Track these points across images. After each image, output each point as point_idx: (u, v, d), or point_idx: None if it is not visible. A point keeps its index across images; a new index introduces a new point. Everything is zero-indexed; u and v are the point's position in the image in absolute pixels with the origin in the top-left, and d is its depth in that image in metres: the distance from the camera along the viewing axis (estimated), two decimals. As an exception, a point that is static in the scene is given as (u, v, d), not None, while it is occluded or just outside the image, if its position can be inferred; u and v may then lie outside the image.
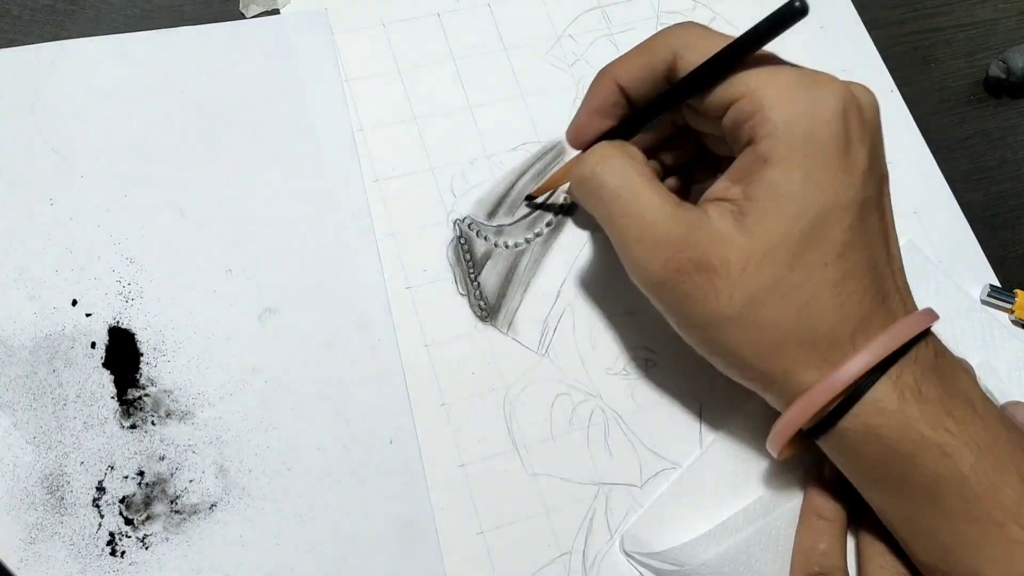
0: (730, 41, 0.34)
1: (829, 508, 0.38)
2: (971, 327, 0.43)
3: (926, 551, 0.34)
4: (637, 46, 0.37)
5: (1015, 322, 0.45)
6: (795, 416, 0.34)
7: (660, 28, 0.38)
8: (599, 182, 0.35)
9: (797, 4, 0.32)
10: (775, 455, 0.37)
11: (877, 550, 0.37)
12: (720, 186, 0.35)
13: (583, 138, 0.40)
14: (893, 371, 0.33)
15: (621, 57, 0.38)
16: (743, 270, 0.33)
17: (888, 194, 0.35)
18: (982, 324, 0.43)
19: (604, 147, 0.37)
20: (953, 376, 0.34)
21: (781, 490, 0.39)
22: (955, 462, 0.32)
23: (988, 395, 0.35)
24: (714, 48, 0.34)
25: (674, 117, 0.39)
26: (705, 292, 0.33)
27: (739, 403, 0.41)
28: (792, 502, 0.39)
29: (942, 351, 0.35)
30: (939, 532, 0.33)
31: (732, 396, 0.41)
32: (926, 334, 0.34)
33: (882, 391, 0.33)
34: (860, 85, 0.34)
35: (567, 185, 0.44)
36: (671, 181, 0.41)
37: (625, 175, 0.35)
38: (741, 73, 0.33)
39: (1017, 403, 0.39)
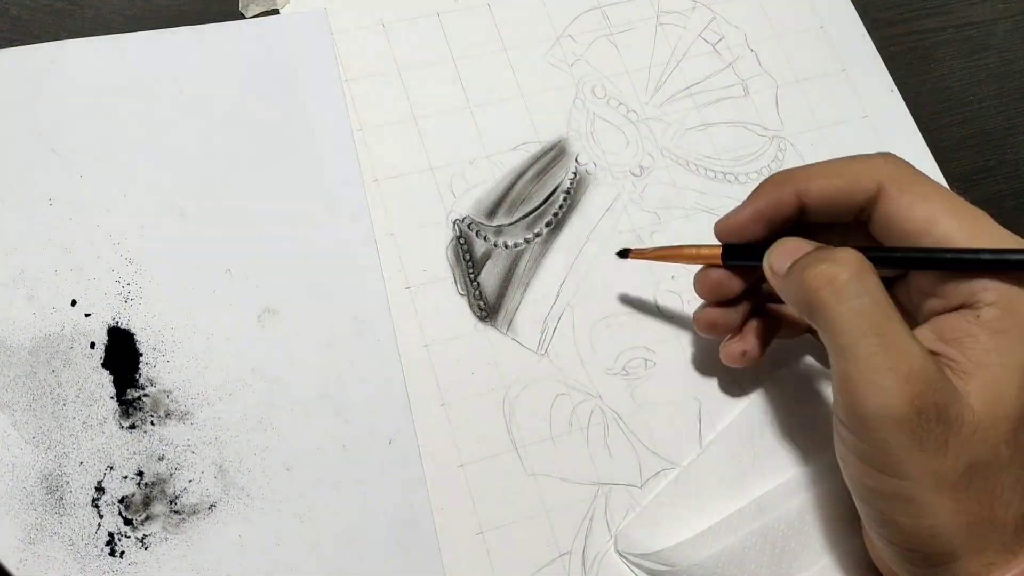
0: (936, 191, 0.33)
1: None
2: None
3: None
4: (832, 163, 0.35)
5: None
6: None
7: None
8: (848, 292, 0.31)
9: None
10: None
11: None
12: (925, 338, 0.32)
13: (736, 237, 0.37)
14: None
15: (811, 171, 0.35)
16: (973, 433, 0.30)
17: None
18: None
19: (856, 256, 0.32)
20: None
21: (777, 493, 0.39)
22: None
23: None
24: (926, 197, 0.33)
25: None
26: (938, 446, 0.30)
27: (738, 403, 0.41)
28: (788, 505, 0.38)
29: None
30: None
31: (732, 396, 0.41)
32: None
33: None
34: None
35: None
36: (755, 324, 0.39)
37: (881, 295, 0.31)
38: (962, 230, 0.32)
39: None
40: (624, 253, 0.41)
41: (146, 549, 0.36)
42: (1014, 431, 0.31)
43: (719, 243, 0.37)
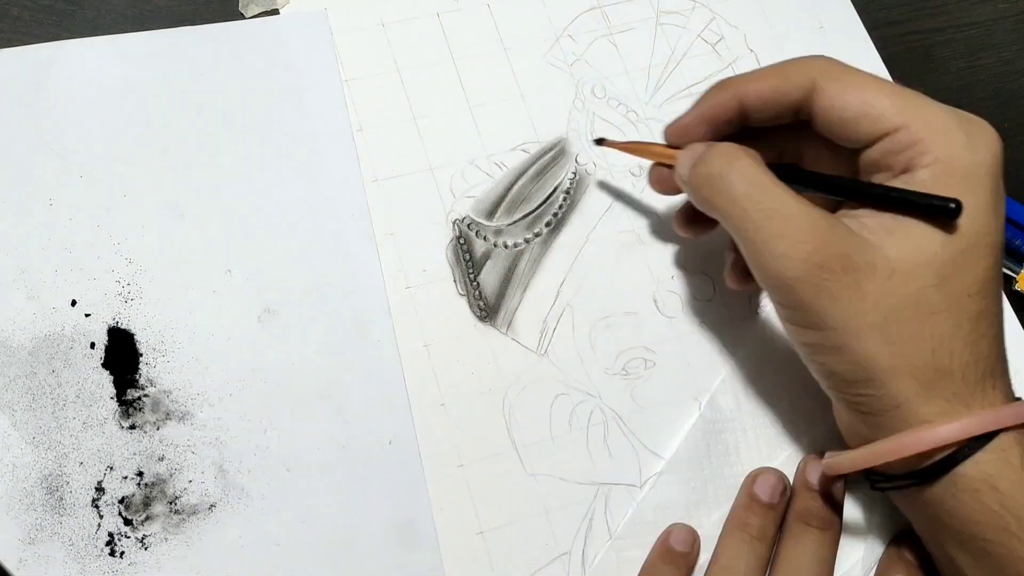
0: (867, 79, 0.35)
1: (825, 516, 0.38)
2: None
3: None
4: (769, 67, 0.37)
5: (1017, 292, 0.45)
6: (909, 445, 0.32)
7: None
8: (727, 182, 0.34)
9: (952, 206, 0.32)
10: (832, 473, 0.36)
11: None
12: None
13: (682, 139, 0.39)
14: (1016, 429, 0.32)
15: (750, 74, 0.37)
16: (889, 278, 0.32)
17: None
18: None
19: (730, 148, 0.35)
20: None
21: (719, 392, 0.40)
22: None
23: None
24: (857, 85, 0.34)
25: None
26: (850, 293, 0.32)
27: (736, 404, 0.41)
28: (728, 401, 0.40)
29: None
30: None
31: (730, 396, 0.41)
32: None
33: (1009, 442, 0.32)
34: None
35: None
36: None
37: (756, 173, 0.34)
38: (896, 105, 0.34)
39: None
40: (600, 141, 0.43)
41: (146, 549, 0.36)
42: (941, 279, 0.32)
43: None
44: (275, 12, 0.46)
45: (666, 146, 0.40)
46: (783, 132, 0.38)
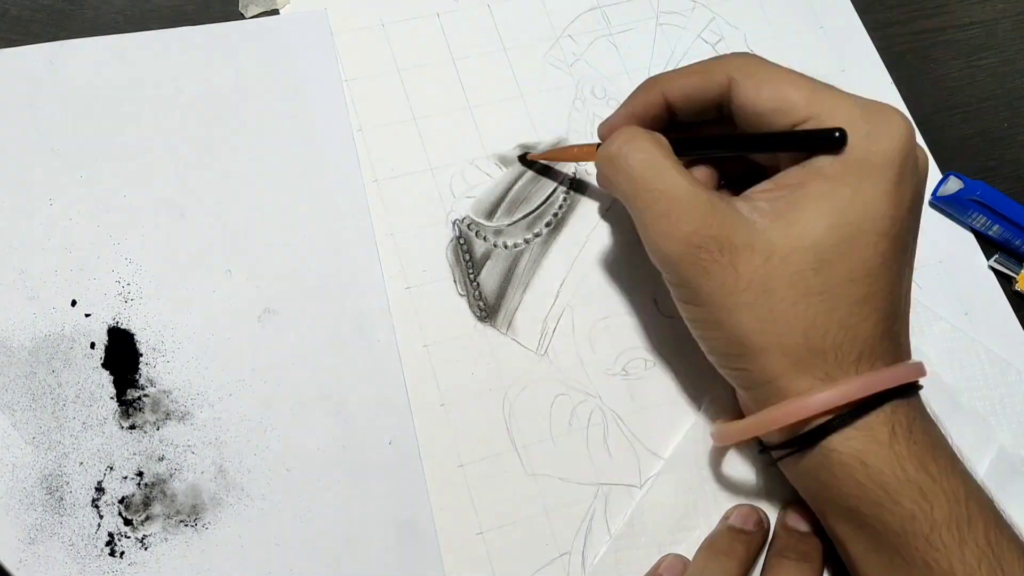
0: (782, 74, 0.36)
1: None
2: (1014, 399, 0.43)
3: None
4: (692, 65, 0.38)
5: (1017, 292, 0.45)
6: (781, 416, 0.34)
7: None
8: (626, 160, 0.36)
9: (837, 135, 0.33)
10: (719, 443, 0.38)
11: None
12: (762, 187, 0.35)
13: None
14: (889, 406, 0.33)
15: (674, 72, 0.39)
16: (766, 260, 0.33)
17: (914, 252, 0.36)
18: None
19: (632, 129, 0.37)
20: (937, 431, 0.35)
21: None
22: (931, 506, 0.32)
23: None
24: (771, 80, 0.35)
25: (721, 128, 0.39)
26: (725, 272, 0.34)
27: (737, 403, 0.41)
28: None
29: (923, 406, 0.35)
30: (896, 570, 0.33)
31: (731, 396, 0.41)
32: (917, 390, 0.35)
33: (877, 421, 0.33)
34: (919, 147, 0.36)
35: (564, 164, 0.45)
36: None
37: (652, 154, 0.36)
38: (807, 98, 0.35)
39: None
40: (523, 158, 0.45)
41: (146, 549, 0.36)
42: (822, 263, 0.33)
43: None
44: (275, 12, 0.46)
45: (583, 145, 0.42)
46: (712, 126, 0.39)
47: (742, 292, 0.34)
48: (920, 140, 0.48)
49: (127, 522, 0.37)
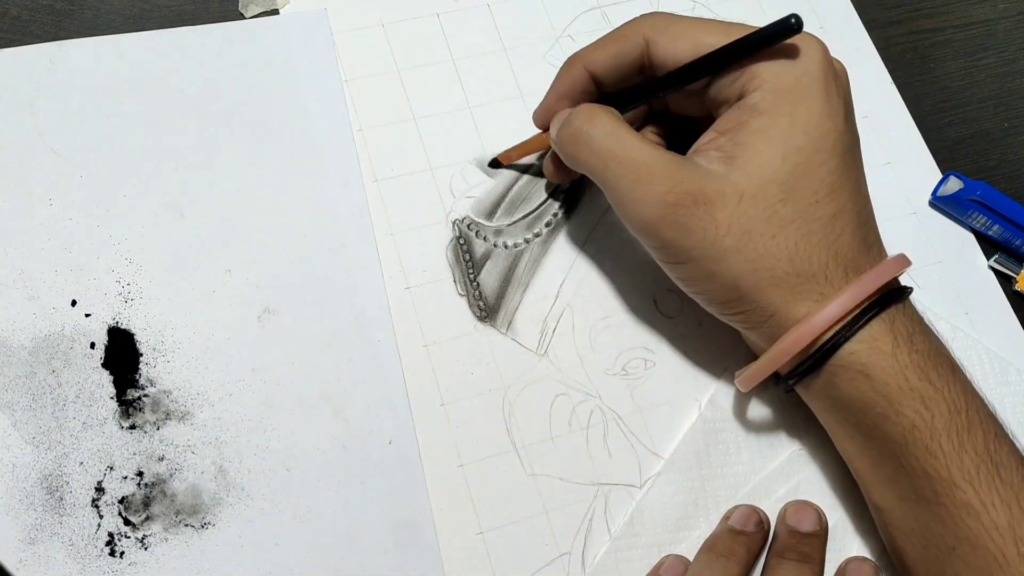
0: (695, 24, 0.37)
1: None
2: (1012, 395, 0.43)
3: (884, 498, 0.36)
4: (607, 35, 0.39)
5: (1017, 292, 0.45)
6: (791, 345, 0.35)
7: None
8: (587, 136, 0.37)
9: (792, 21, 0.34)
10: (744, 388, 0.38)
11: None
12: (705, 139, 0.36)
13: (548, 120, 0.41)
14: (886, 315, 0.35)
15: (592, 45, 0.39)
16: (739, 202, 0.34)
17: (861, 156, 0.37)
18: None
19: (590, 107, 0.38)
20: (937, 339, 0.36)
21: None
22: (932, 414, 0.34)
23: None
24: (685, 32, 0.37)
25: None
26: (704, 223, 0.34)
27: (737, 403, 0.41)
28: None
29: (920, 316, 0.37)
30: (900, 481, 0.35)
31: (731, 396, 0.41)
32: (908, 292, 0.36)
33: (878, 330, 0.34)
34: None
35: (534, 157, 0.45)
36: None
37: (612, 127, 0.37)
38: (721, 39, 0.35)
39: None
40: (494, 163, 0.45)
41: (146, 549, 0.36)
42: (787, 192, 0.34)
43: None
44: (275, 12, 0.46)
45: (535, 136, 0.42)
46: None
47: (724, 238, 0.34)
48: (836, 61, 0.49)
49: (127, 522, 0.37)
